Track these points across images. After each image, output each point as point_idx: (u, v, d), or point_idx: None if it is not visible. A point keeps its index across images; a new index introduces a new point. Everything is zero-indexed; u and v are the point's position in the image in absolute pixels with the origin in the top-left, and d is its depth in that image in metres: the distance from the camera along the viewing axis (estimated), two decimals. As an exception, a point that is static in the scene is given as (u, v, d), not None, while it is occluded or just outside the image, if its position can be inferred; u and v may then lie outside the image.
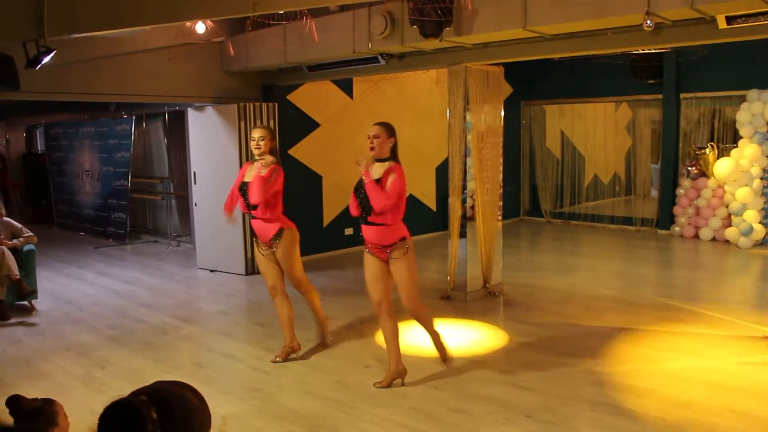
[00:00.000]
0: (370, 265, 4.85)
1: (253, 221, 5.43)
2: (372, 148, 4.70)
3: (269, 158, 5.34)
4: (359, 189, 4.74)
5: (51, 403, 1.91)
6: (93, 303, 7.66)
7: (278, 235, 5.37)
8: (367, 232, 4.78)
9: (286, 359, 5.53)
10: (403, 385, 4.92)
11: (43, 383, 5.16)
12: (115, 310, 7.31)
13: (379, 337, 6.10)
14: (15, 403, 1.87)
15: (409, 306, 4.90)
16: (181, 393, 1.67)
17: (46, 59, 4.85)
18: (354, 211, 4.86)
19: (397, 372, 4.92)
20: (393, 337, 4.91)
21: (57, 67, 6.84)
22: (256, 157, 5.38)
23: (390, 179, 4.62)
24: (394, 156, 4.77)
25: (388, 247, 4.74)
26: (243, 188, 5.37)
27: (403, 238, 4.76)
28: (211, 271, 9.22)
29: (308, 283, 5.71)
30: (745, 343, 5.74)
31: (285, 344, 5.58)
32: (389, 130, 4.77)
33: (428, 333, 5.21)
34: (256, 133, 5.39)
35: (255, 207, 5.30)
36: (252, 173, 5.34)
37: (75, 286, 8.54)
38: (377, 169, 4.72)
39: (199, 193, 9.36)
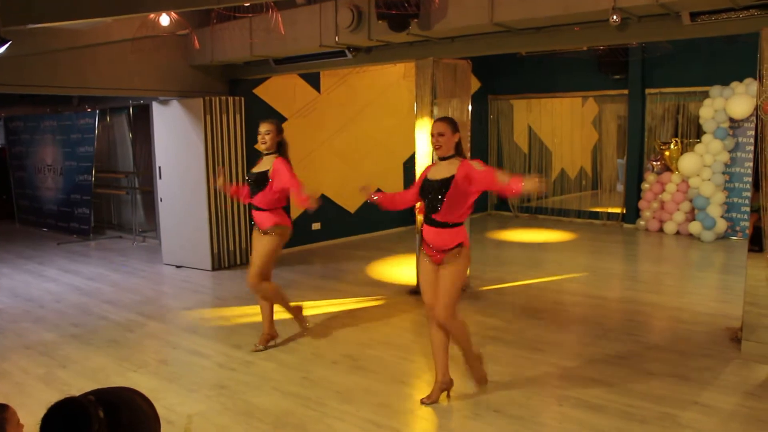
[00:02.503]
0: (425, 269, 4.55)
1: (254, 211, 5.55)
2: (438, 147, 4.40)
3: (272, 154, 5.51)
4: (427, 191, 4.43)
5: (2, 410, 1.82)
6: (55, 300, 7.50)
7: (274, 227, 5.49)
8: (428, 233, 4.44)
9: (267, 347, 5.71)
10: (449, 398, 4.60)
11: (1, 384, 5.02)
12: (78, 308, 7.16)
13: (352, 334, 6.09)
14: None
15: (441, 315, 4.43)
16: (130, 396, 1.61)
17: (1, 50, 4.70)
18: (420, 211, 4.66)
19: (444, 383, 4.57)
20: (442, 347, 4.54)
21: (15, 59, 6.66)
22: (263, 153, 5.52)
23: (477, 169, 4.27)
24: (459, 152, 4.44)
25: (445, 251, 4.40)
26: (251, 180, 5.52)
27: (460, 244, 4.42)
28: (177, 267, 9.09)
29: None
30: (707, 337, 5.83)
31: (264, 332, 5.75)
32: (453, 125, 4.44)
33: (462, 350, 4.65)
34: (262, 128, 5.51)
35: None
36: (260, 167, 5.51)
37: (37, 284, 8.35)
38: (444, 168, 4.37)
39: (164, 188, 9.21)
